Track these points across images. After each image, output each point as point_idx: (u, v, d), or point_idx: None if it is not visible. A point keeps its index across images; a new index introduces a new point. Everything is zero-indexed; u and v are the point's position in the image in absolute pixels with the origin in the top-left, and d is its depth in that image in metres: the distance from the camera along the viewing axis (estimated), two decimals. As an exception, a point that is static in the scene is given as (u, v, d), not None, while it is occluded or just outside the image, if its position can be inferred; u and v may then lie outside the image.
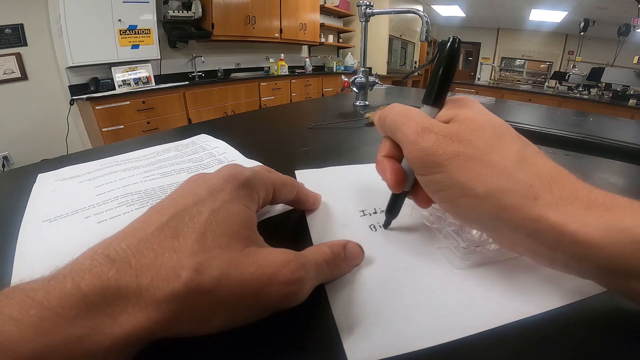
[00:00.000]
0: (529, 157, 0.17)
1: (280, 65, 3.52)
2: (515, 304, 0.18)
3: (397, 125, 0.20)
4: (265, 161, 0.37)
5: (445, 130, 0.18)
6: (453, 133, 0.18)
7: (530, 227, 0.16)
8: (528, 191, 0.16)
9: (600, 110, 3.34)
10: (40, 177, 0.35)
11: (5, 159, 2.16)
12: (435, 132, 0.18)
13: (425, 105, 0.20)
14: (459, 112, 0.19)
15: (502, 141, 0.17)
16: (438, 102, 0.20)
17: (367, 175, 0.35)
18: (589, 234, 0.14)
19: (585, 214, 0.15)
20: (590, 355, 0.15)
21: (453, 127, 0.18)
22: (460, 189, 0.17)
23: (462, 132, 0.18)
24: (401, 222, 0.25)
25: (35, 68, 2.17)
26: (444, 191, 0.18)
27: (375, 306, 0.18)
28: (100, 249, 0.14)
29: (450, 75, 0.19)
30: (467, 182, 0.17)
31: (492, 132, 0.18)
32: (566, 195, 0.16)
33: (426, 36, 0.71)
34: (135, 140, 0.49)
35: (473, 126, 0.18)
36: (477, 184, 0.16)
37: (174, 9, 2.64)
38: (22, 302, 0.11)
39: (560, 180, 0.16)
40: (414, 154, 0.18)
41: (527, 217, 0.16)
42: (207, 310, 0.14)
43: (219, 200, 0.17)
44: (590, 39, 5.19)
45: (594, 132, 0.65)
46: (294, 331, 0.17)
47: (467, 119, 0.18)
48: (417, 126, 0.18)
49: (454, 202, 0.18)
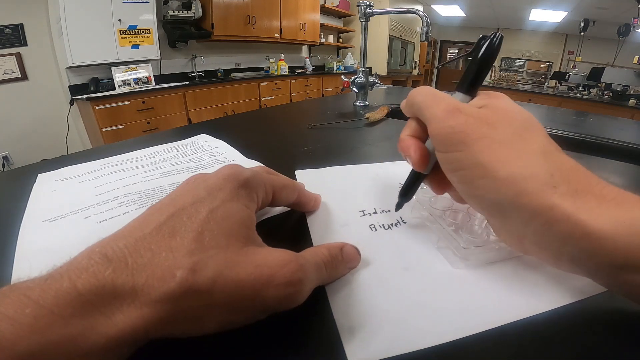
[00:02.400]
0: (553, 151, 0.18)
1: (280, 65, 3.52)
2: (515, 304, 0.18)
3: (426, 104, 0.20)
4: (265, 161, 0.37)
5: (476, 113, 0.18)
6: (483, 116, 0.18)
7: (544, 216, 0.16)
8: (549, 179, 0.16)
9: (600, 110, 3.33)
10: (40, 177, 0.35)
11: (5, 159, 2.16)
12: (465, 113, 0.18)
13: (458, 92, 0.20)
14: (492, 101, 0.19)
15: (530, 132, 0.18)
16: (471, 90, 0.20)
17: (367, 175, 0.35)
18: (601, 226, 0.14)
19: (598, 206, 0.15)
20: (590, 355, 0.15)
21: (484, 111, 0.18)
22: (481, 169, 0.17)
23: (492, 117, 0.18)
24: (401, 222, 0.25)
25: (35, 68, 2.17)
26: (463, 170, 0.18)
27: (376, 306, 0.18)
28: (98, 248, 0.14)
29: (488, 67, 0.20)
30: (490, 163, 0.17)
31: (521, 123, 0.18)
32: (581, 188, 0.16)
33: (426, 36, 0.71)
34: (135, 140, 0.49)
35: (504, 114, 0.18)
36: (499, 166, 0.17)
37: (174, 9, 2.64)
38: (17, 300, 0.11)
39: (578, 174, 0.17)
40: (439, 130, 0.18)
41: (542, 205, 0.16)
42: (203, 311, 0.14)
43: (218, 200, 0.17)
44: (590, 39, 5.19)
45: (594, 132, 0.65)
46: (294, 331, 0.17)
47: (498, 108, 0.19)
48: (448, 106, 0.19)
49: (471, 183, 0.18)
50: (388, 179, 0.34)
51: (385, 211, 0.27)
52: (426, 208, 0.26)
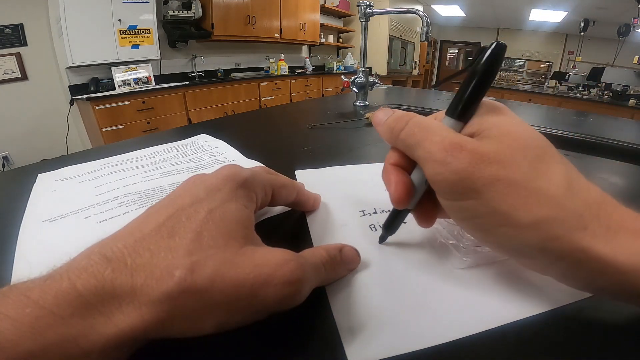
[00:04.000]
0: (575, 182, 0.15)
1: (280, 65, 3.52)
2: (515, 304, 0.18)
3: (415, 140, 0.17)
4: (265, 161, 0.37)
5: (480, 148, 0.15)
6: (491, 152, 0.15)
7: (574, 257, 0.15)
8: (578, 222, 0.14)
9: (600, 110, 3.33)
10: (40, 177, 0.35)
11: (5, 159, 2.16)
12: (468, 149, 0.15)
13: (448, 117, 0.17)
14: (492, 121, 0.16)
15: (547, 163, 0.15)
16: (465, 116, 0.17)
17: (367, 175, 0.35)
18: (636, 264, 0.14)
19: (633, 243, 0.14)
20: (590, 356, 0.15)
21: (490, 144, 0.15)
22: (499, 218, 0.15)
23: (501, 151, 0.15)
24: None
25: (35, 68, 2.17)
26: (478, 219, 0.16)
27: (375, 306, 0.18)
28: (97, 249, 0.14)
29: (486, 87, 0.16)
30: (510, 211, 0.15)
31: (535, 152, 0.16)
32: (613, 224, 0.15)
33: (426, 36, 0.71)
34: (135, 140, 0.49)
35: (514, 145, 0.15)
36: (521, 214, 0.15)
37: (174, 9, 2.64)
38: (17, 300, 0.11)
39: (607, 208, 0.15)
40: (442, 177, 0.16)
41: (573, 248, 0.14)
42: (202, 311, 0.14)
43: (217, 200, 0.17)
44: (590, 39, 5.20)
45: (594, 132, 0.65)
46: (294, 332, 0.17)
47: (503, 134, 0.16)
48: (444, 142, 0.16)
49: (488, 231, 0.16)
50: (388, 179, 0.34)
51: (385, 211, 0.27)
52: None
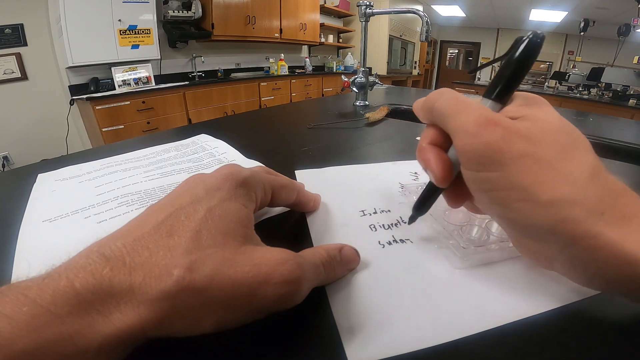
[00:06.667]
0: (602, 172, 0.16)
1: (280, 65, 3.52)
2: (515, 304, 0.18)
3: (451, 111, 0.17)
4: (265, 161, 0.37)
5: (514, 126, 0.16)
6: (523, 130, 0.16)
7: (586, 243, 0.14)
8: (596, 207, 0.14)
9: (600, 110, 3.33)
10: (40, 177, 0.35)
11: (5, 159, 2.15)
12: (502, 125, 0.16)
13: (486, 99, 0.17)
14: (531, 111, 0.17)
15: (577, 151, 0.16)
16: (503, 98, 0.17)
17: (367, 175, 0.35)
18: None
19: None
20: (590, 355, 0.15)
21: (524, 124, 0.16)
22: (519, 192, 0.15)
23: (534, 132, 0.16)
24: (401, 222, 0.25)
25: (35, 68, 2.17)
26: (497, 192, 0.16)
27: (375, 306, 0.18)
28: (96, 248, 0.14)
29: (525, 71, 0.17)
30: (530, 186, 0.15)
31: (567, 139, 0.16)
32: (628, 212, 0.15)
33: (426, 36, 0.71)
34: (135, 140, 0.49)
35: (548, 129, 0.16)
36: (541, 190, 0.15)
37: (174, 9, 2.64)
38: (15, 299, 0.11)
39: (626, 198, 0.15)
40: (471, 147, 0.16)
41: (587, 232, 0.14)
42: (201, 309, 0.14)
43: (216, 199, 0.17)
44: (590, 39, 5.20)
45: (594, 132, 0.65)
46: (294, 331, 0.17)
47: (540, 119, 0.16)
48: (480, 116, 0.16)
49: (506, 205, 0.16)
50: (388, 179, 0.34)
51: (385, 211, 0.27)
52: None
